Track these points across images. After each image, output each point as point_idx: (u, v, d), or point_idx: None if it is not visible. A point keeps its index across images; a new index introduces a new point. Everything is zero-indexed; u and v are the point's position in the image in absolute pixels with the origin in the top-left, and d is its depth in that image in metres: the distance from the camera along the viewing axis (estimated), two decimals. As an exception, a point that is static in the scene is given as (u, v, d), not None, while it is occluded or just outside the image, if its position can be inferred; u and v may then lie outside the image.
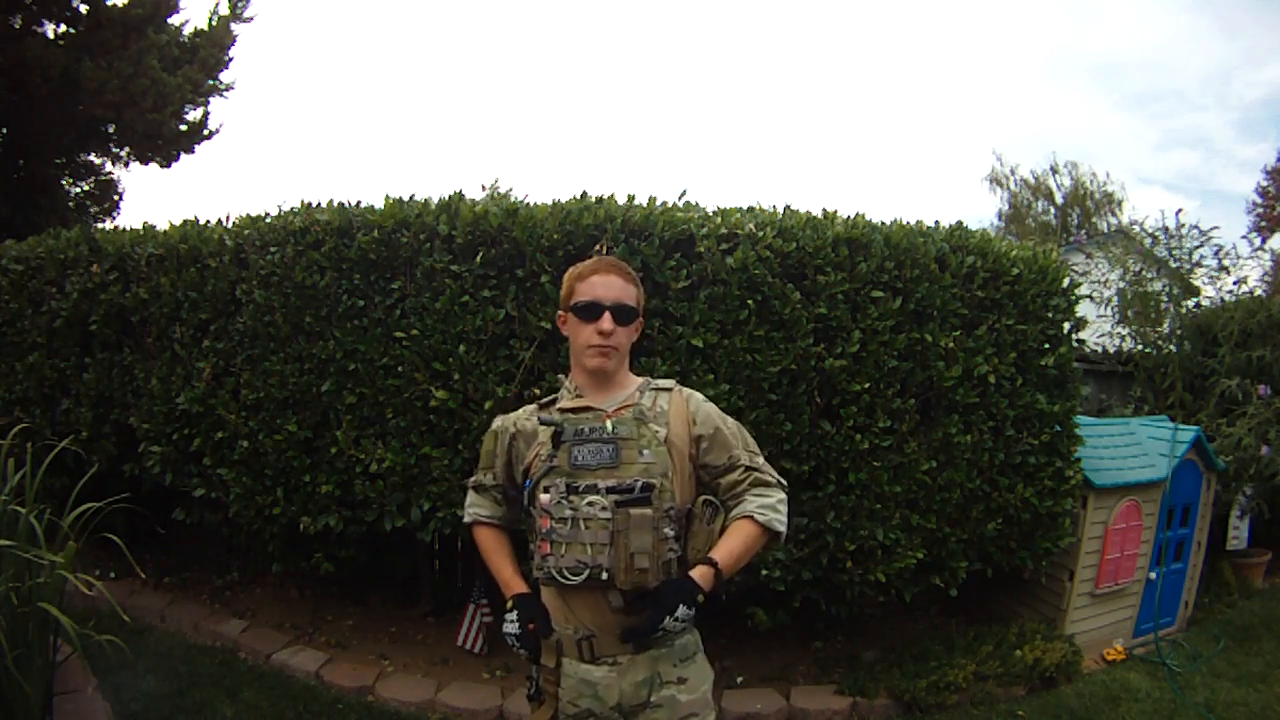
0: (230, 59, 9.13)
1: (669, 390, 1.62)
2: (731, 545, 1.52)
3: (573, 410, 1.57)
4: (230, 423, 3.27)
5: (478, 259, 2.97)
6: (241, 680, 3.19)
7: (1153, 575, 3.98)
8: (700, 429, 1.59)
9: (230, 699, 3.02)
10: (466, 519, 1.74)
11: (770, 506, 1.57)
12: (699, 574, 1.49)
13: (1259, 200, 18.23)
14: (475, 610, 3.46)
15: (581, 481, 1.49)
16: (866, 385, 3.02)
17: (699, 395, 1.65)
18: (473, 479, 1.75)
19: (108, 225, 6.80)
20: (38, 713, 2.40)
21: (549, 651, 1.57)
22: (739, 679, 3.35)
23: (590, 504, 1.47)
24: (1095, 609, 3.80)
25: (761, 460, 1.64)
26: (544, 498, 1.50)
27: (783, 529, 1.58)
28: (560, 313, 1.65)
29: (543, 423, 1.56)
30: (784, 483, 1.64)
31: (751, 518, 1.55)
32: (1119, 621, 3.93)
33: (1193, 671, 3.64)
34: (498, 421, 1.69)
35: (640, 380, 1.64)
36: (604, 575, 1.46)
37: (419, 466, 3.04)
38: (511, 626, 1.55)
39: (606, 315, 1.54)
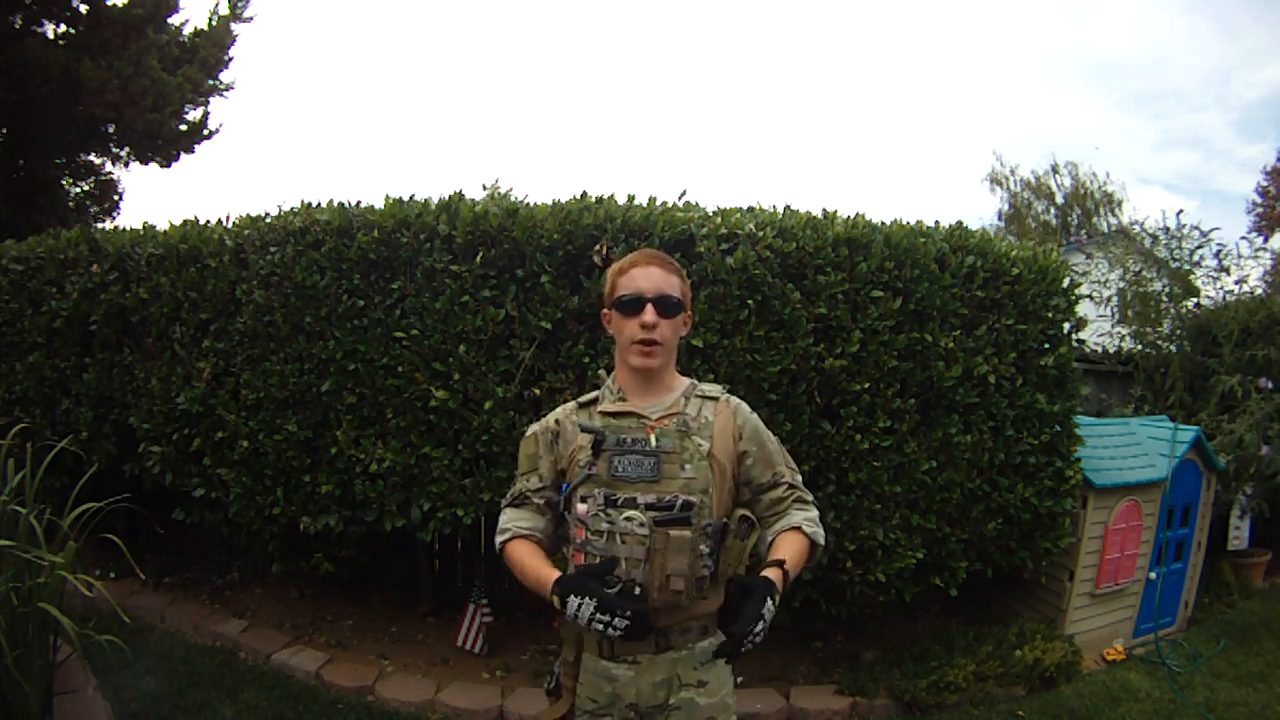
0: (230, 59, 9.13)
1: (715, 399, 1.57)
2: (792, 550, 1.50)
3: (614, 415, 1.53)
4: (230, 423, 3.27)
5: (478, 259, 2.97)
6: (241, 680, 3.19)
7: (1153, 575, 3.97)
8: (746, 444, 1.56)
9: (230, 699, 3.02)
10: (499, 539, 1.57)
11: (813, 520, 1.58)
12: (773, 575, 1.42)
13: (1259, 200, 18.22)
14: (475, 610, 3.46)
15: (620, 494, 1.46)
16: (866, 385, 3.02)
17: (745, 406, 1.61)
18: (513, 490, 1.61)
19: (108, 225, 6.80)
20: (38, 713, 2.40)
21: (569, 644, 1.56)
22: (739, 679, 3.34)
23: (628, 519, 1.44)
24: (1095, 609, 3.80)
25: (799, 477, 1.63)
26: (581, 508, 1.47)
27: (819, 543, 1.57)
28: (604, 310, 1.60)
29: (584, 429, 1.52)
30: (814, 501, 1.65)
31: (800, 528, 1.54)
32: (1119, 621, 3.92)
33: (1193, 671, 3.64)
34: (535, 426, 1.63)
35: (686, 383, 1.60)
36: (636, 590, 1.44)
37: (419, 466, 3.04)
38: (588, 610, 1.34)
39: (649, 308, 1.49)
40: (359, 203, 3.25)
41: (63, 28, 7.77)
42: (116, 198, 9.50)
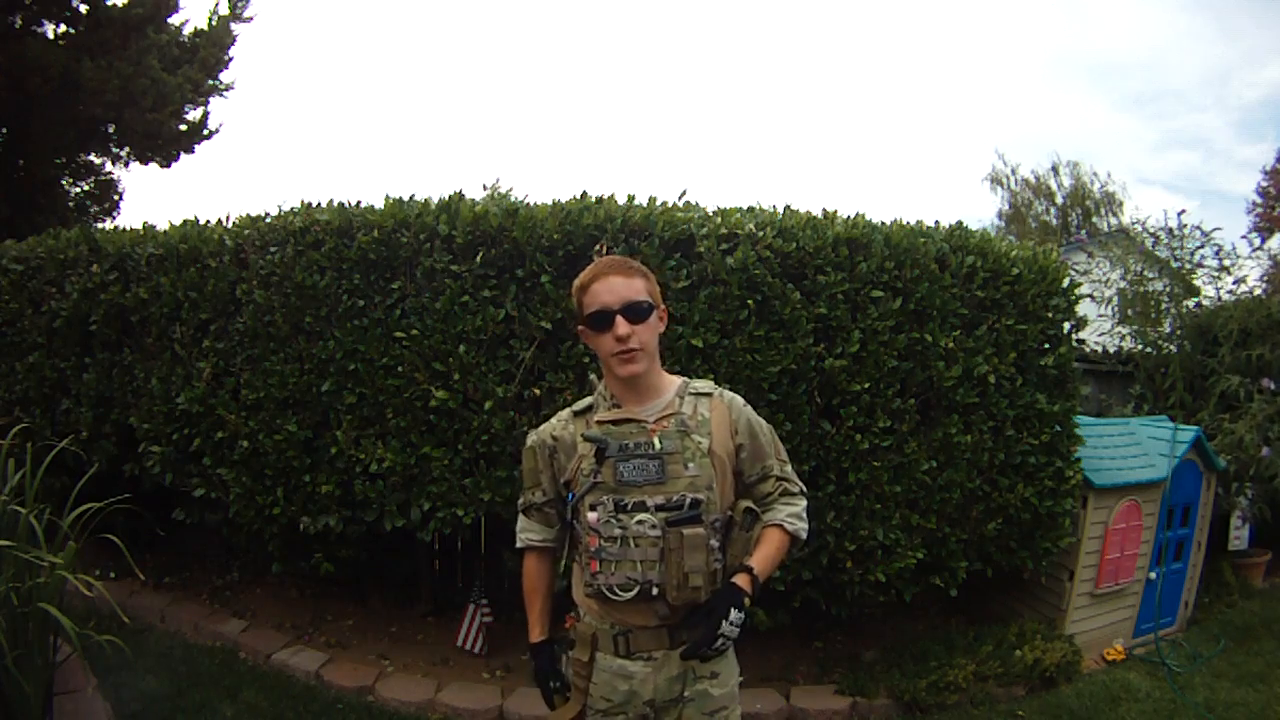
0: (230, 59, 9.13)
1: (709, 395, 1.59)
2: (766, 552, 1.55)
3: (613, 422, 1.54)
4: (230, 423, 3.27)
5: (478, 259, 2.97)
6: (241, 680, 3.19)
7: (1153, 575, 3.98)
8: (741, 437, 1.59)
9: (230, 699, 3.02)
10: (519, 544, 1.69)
11: (798, 515, 1.61)
12: (742, 581, 1.50)
13: (1259, 200, 18.20)
14: (475, 610, 3.46)
15: (629, 499, 1.48)
16: (866, 385, 3.02)
17: (739, 400, 1.63)
18: (520, 501, 1.69)
19: (108, 225, 6.81)
20: (38, 713, 2.39)
21: (583, 645, 1.57)
22: (740, 677, 3.35)
23: (640, 522, 1.47)
24: (1095, 609, 3.80)
25: (789, 468, 1.65)
26: (591, 516, 1.49)
27: (805, 536, 1.62)
28: (579, 328, 1.62)
29: (586, 438, 1.53)
30: (804, 489, 1.67)
31: (782, 526, 1.58)
32: (1119, 621, 3.92)
33: (1193, 671, 3.64)
34: (532, 437, 1.66)
35: (678, 382, 1.61)
36: (654, 590, 1.47)
37: (419, 466, 3.04)
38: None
39: (618, 320, 1.49)
40: (359, 203, 3.25)
41: (63, 28, 7.76)
42: (116, 198, 9.51)
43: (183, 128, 8.75)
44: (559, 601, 1.72)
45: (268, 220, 3.35)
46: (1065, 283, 3.56)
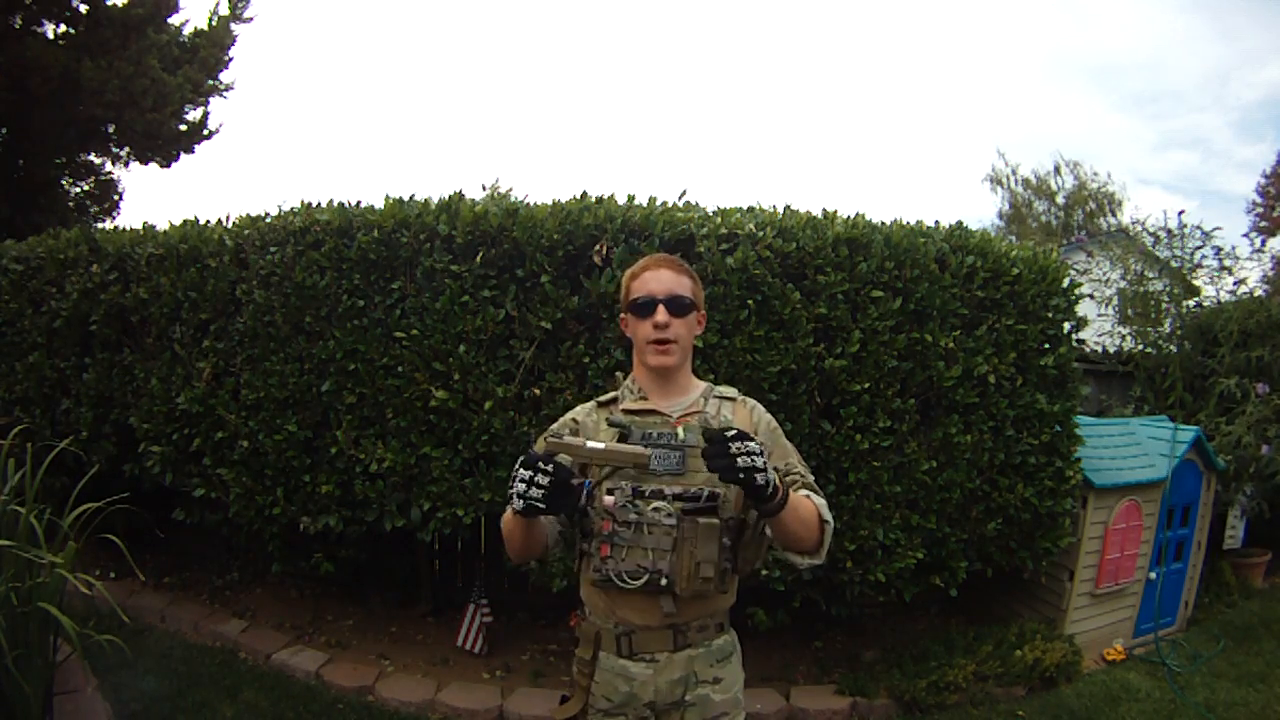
0: (230, 59, 9.13)
1: (733, 400, 1.62)
2: (796, 496, 1.44)
3: (638, 412, 1.55)
4: (230, 423, 3.27)
5: (478, 259, 2.97)
6: (241, 680, 3.19)
7: (1153, 575, 3.98)
8: (761, 437, 1.58)
9: (230, 699, 3.03)
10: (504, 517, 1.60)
11: (821, 503, 1.53)
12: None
13: (1259, 201, 18.21)
14: (475, 610, 3.46)
15: (648, 486, 1.48)
16: (866, 385, 3.02)
17: (761, 406, 1.65)
18: None
19: (108, 225, 6.80)
20: (38, 713, 2.40)
21: (587, 643, 1.57)
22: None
23: (656, 509, 1.46)
24: (1095, 609, 3.80)
25: (811, 477, 1.62)
26: (608, 499, 1.48)
27: (830, 521, 1.50)
28: (622, 316, 1.65)
29: (610, 423, 1.54)
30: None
31: (809, 495, 1.50)
32: (1119, 621, 3.92)
33: (1193, 671, 3.64)
34: (554, 427, 1.64)
35: (703, 386, 1.63)
36: (663, 581, 1.46)
37: (419, 466, 3.04)
38: (540, 477, 1.28)
39: (660, 308, 1.54)
40: (359, 203, 3.25)
41: (63, 28, 7.76)
42: (116, 198, 9.49)
43: (183, 128, 8.74)
44: (563, 600, 1.71)
45: (268, 220, 3.35)
46: (1065, 283, 3.56)
